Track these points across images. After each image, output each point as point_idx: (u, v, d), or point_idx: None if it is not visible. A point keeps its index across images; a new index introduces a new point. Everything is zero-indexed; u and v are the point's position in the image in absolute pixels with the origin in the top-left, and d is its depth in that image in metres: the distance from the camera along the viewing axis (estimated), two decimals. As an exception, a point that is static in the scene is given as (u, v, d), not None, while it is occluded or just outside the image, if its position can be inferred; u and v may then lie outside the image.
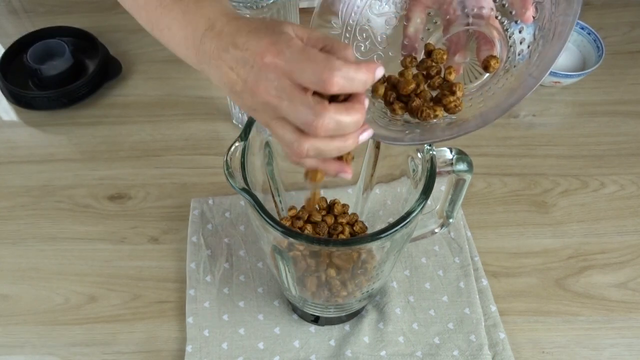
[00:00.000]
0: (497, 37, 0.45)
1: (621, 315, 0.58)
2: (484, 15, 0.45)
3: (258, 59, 0.35)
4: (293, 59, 0.34)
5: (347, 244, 0.42)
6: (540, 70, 0.38)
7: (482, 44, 0.45)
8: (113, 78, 0.78)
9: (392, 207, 0.56)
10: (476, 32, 0.46)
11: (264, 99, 0.35)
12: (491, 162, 0.71)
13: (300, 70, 0.34)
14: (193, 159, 0.71)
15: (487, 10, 0.45)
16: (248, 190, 0.41)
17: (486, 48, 0.45)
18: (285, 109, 0.35)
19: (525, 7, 0.42)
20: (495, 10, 0.45)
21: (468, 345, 0.56)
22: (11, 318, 0.59)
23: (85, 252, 0.63)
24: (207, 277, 0.60)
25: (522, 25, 0.43)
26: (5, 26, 0.88)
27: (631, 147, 0.72)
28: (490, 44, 0.45)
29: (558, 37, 0.39)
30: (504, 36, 0.45)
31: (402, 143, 0.42)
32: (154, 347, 0.57)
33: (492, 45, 0.45)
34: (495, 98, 0.43)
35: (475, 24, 0.46)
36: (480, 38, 0.46)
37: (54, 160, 0.72)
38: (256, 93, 0.35)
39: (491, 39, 0.45)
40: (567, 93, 0.78)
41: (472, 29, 0.46)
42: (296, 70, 0.34)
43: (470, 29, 0.46)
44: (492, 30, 0.45)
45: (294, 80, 0.34)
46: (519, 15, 0.43)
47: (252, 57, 0.35)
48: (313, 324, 0.57)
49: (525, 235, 0.64)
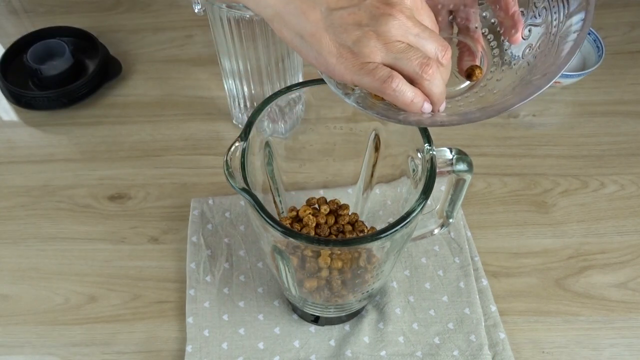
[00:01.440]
0: (481, 52, 0.45)
1: (621, 315, 0.58)
2: (470, 29, 0.46)
3: None
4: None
5: (347, 244, 0.42)
6: (547, 77, 0.38)
7: (466, 54, 0.46)
8: (113, 78, 0.78)
9: (392, 207, 0.56)
10: (460, 43, 0.46)
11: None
12: (491, 162, 0.71)
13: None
14: (193, 159, 0.71)
15: (473, 26, 0.45)
16: (248, 190, 0.41)
17: (469, 59, 0.45)
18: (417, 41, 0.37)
19: (515, 28, 0.42)
20: (482, 27, 0.45)
21: (468, 345, 0.56)
22: (11, 318, 0.59)
23: (85, 252, 0.63)
24: (207, 277, 0.60)
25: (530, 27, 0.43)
26: (5, 26, 0.88)
27: (631, 147, 0.72)
28: (473, 55, 0.45)
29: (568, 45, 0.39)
30: (489, 52, 0.45)
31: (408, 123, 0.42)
32: (154, 347, 0.57)
33: (474, 57, 0.45)
34: (494, 96, 0.42)
35: (460, 36, 0.46)
36: (463, 48, 0.46)
37: (54, 160, 0.72)
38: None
39: (474, 51, 0.45)
40: (567, 93, 0.78)
41: (458, 39, 0.46)
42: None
43: (455, 39, 0.46)
44: (477, 44, 0.45)
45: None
46: (506, 35, 0.43)
47: None
48: (313, 324, 0.57)
49: (525, 235, 0.64)
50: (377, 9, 0.37)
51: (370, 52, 0.37)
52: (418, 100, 0.38)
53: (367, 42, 0.37)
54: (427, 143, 0.44)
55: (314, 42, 0.38)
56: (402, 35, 0.37)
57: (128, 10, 0.89)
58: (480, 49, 0.45)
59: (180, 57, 0.83)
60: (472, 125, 0.74)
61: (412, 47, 0.37)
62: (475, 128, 0.74)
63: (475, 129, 0.74)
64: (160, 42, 0.84)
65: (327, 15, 0.38)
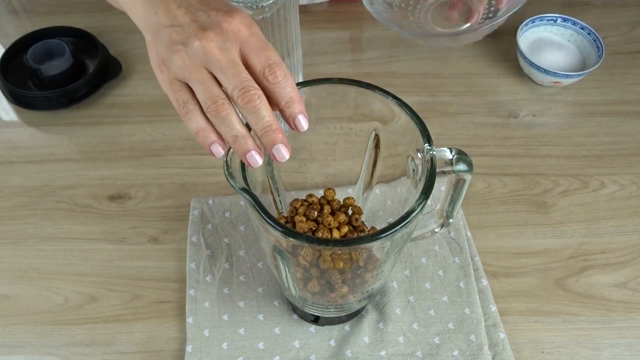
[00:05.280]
0: None
1: (621, 315, 0.59)
2: None
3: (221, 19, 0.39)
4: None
5: (347, 244, 0.42)
6: None
7: None
8: (113, 78, 0.78)
9: (392, 207, 0.56)
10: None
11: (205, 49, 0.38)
12: (491, 162, 0.71)
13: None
14: (193, 159, 0.71)
15: None
16: (248, 190, 0.41)
17: None
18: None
19: None
20: None
21: (468, 345, 0.56)
22: (11, 318, 0.59)
23: (85, 252, 0.63)
24: (207, 277, 0.60)
25: None
26: (5, 26, 0.88)
27: (631, 147, 0.72)
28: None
29: None
30: None
31: None
32: (154, 347, 0.57)
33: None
34: None
35: None
36: None
37: (54, 160, 0.72)
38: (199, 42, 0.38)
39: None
40: (567, 93, 0.78)
41: None
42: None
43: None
44: None
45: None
46: None
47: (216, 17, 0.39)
48: (313, 324, 0.57)
49: (525, 235, 0.64)
50: (194, 32, 0.38)
51: (177, 70, 0.39)
52: (204, 135, 0.39)
53: (176, 60, 0.39)
54: (427, 143, 0.44)
55: (149, 48, 0.41)
56: (206, 63, 0.38)
57: (128, 10, 0.89)
58: None
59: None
60: (472, 125, 0.74)
61: (212, 79, 0.38)
62: (475, 128, 0.74)
63: (475, 129, 0.74)
64: (160, 42, 0.84)
65: (161, 30, 0.40)
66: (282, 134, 0.39)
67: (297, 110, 0.39)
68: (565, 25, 0.79)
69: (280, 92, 0.39)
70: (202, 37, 0.38)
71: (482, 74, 0.80)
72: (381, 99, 0.47)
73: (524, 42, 0.78)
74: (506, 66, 0.81)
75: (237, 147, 0.39)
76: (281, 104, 0.39)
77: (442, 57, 0.82)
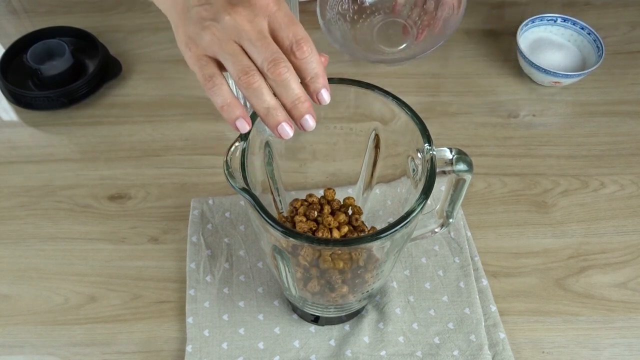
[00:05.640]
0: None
1: (621, 315, 0.59)
2: None
3: None
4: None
5: (347, 244, 0.42)
6: None
7: None
8: (113, 78, 0.78)
9: (392, 207, 0.56)
10: None
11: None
12: (491, 162, 0.71)
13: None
14: (193, 159, 0.71)
15: None
16: (248, 190, 0.41)
17: None
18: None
19: None
20: None
21: (468, 345, 0.56)
22: (11, 318, 0.59)
23: (85, 252, 0.63)
24: (207, 277, 0.60)
25: None
26: (5, 26, 0.88)
27: (631, 147, 0.72)
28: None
29: None
30: None
31: None
32: (154, 347, 0.57)
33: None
34: None
35: None
36: None
37: (54, 160, 0.72)
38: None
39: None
40: (567, 93, 0.78)
41: None
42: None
43: None
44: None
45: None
46: None
47: None
48: (313, 324, 0.57)
49: (525, 235, 0.64)
50: (224, 7, 0.39)
51: (206, 45, 0.39)
52: (229, 110, 0.40)
53: (205, 35, 0.39)
54: (427, 143, 0.44)
55: (176, 31, 0.43)
56: (236, 36, 0.39)
57: (128, 10, 0.89)
58: None
59: (180, 57, 0.81)
60: (472, 125, 0.74)
61: (242, 52, 0.39)
62: (475, 128, 0.74)
63: (475, 129, 0.74)
64: (160, 42, 0.84)
65: (190, 10, 0.41)
66: (310, 105, 0.40)
67: (320, 85, 0.40)
68: (565, 25, 0.79)
69: (306, 67, 0.39)
70: (231, 12, 0.38)
71: (482, 74, 0.80)
72: (381, 99, 0.47)
73: (524, 42, 0.78)
74: (506, 66, 0.81)
75: (269, 120, 0.40)
76: (307, 79, 0.40)
77: (442, 57, 0.82)
